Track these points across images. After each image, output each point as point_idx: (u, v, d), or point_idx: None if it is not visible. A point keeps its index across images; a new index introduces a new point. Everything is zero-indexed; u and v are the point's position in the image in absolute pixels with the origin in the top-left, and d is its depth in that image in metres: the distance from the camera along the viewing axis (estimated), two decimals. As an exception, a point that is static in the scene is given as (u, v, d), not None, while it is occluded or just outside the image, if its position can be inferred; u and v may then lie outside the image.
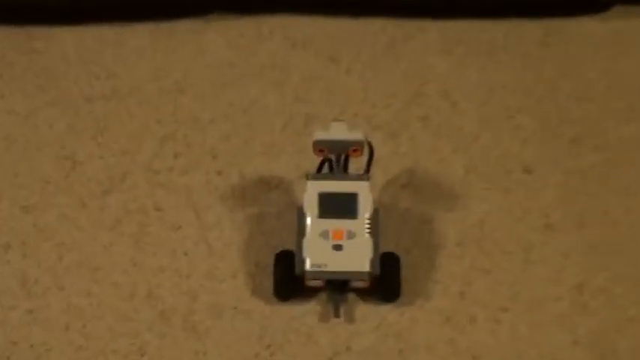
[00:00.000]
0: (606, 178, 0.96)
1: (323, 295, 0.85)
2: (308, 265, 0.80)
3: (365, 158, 0.86)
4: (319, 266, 0.80)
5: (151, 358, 0.82)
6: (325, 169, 0.85)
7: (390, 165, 0.96)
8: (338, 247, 0.80)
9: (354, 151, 0.82)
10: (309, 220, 0.81)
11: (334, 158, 0.84)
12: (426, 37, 1.09)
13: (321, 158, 0.85)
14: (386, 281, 0.83)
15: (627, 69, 1.06)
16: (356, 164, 0.87)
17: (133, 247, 0.89)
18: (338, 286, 0.83)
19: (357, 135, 0.82)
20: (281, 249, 0.85)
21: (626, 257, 0.89)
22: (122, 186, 0.94)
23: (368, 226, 0.81)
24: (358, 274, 0.80)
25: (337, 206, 0.81)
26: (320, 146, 0.82)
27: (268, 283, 0.85)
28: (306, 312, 0.85)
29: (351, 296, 0.85)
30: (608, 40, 1.10)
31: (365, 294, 0.85)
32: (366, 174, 0.83)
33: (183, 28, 1.10)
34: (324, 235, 0.80)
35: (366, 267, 0.80)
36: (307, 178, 0.82)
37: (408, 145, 0.98)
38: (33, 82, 1.04)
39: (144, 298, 0.86)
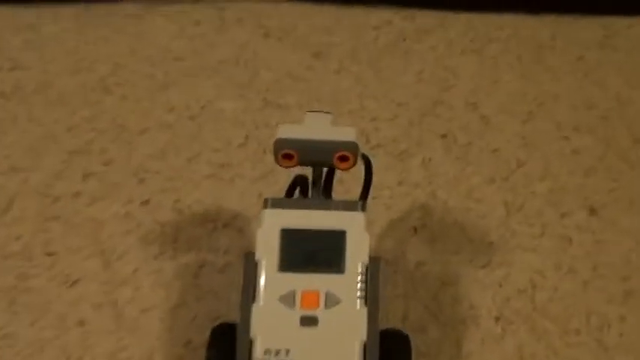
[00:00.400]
0: None
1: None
2: (259, 352, 0.49)
3: (357, 177, 0.55)
4: (277, 354, 0.49)
5: None
6: (297, 194, 0.55)
7: (396, 199, 0.66)
8: (310, 321, 0.49)
9: (342, 159, 0.51)
10: (263, 275, 0.50)
11: (311, 176, 0.54)
12: (446, 33, 0.81)
13: (291, 177, 0.54)
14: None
15: None
16: (344, 189, 0.57)
17: (5, 310, 0.59)
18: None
19: (346, 134, 0.51)
20: (223, 321, 0.54)
21: None
22: (3, 218, 0.64)
23: (361, 287, 0.50)
24: (342, 365, 0.49)
25: (311, 253, 0.50)
26: (286, 149, 0.50)
27: (203, 372, 0.54)
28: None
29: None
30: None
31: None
32: (360, 202, 0.52)
33: (120, 13, 0.81)
34: (288, 300, 0.49)
35: (354, 357, 0.49)
36: (265, 206, 0.51)
37: (423, 173, 0.68)
38: None
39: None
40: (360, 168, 0.56)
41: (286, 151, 0.50)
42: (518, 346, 0.58)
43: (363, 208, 0.52)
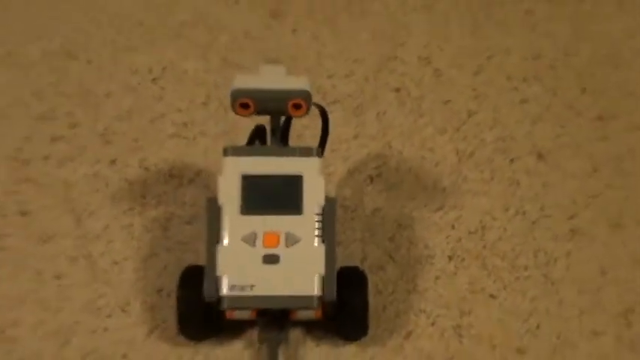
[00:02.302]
0: (647, 166, 0.70)
1: (253, 334, 0.58)
2: (225, 289, 0.52)
3: (316, 130, 0.59)
4: (242, 289, 0.52)
5: None
6: (257, 143, 0.58)
7: (352, 151, 0.70)
8: (272, 259, 0.53)
9: (296, 107, 0.54)
10: (226, 218, 0.53)
11: (269, 125, 0.57)
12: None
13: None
14: (346, 310, 0.56)
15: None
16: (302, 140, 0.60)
17: (-19, 267, 0.61)
18: (274, 319, 0.55)
19: (299, 83, 0.54)
20: (190, 264, 0.57)
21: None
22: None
23: (318, 226, 0.53)
24: (303, 300, 0.52)
25: (271, 196, 0.54)
26: (243, 98, 0.53)
27: (174, 321, 0.57)
28: (227, 357, 0.57)
29: (295, 334, 0.58)
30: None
31: (315, 330, 0.58)
32: (315, 148, 0.55)
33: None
34: (250, 239, 0.53)
35: (314, 289, 0.52)
36: (225, 154, 0.54)
37: (378, 125, 0.72)
38: None
39: (-8, 342, 0.58)
40: (318, 121, 0.59)
41: (243, 100, 0.53)
42: (469, 282, 0.62)
43: (319, 154, 0.55)
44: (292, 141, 0.59)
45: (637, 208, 0.67)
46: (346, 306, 0.56)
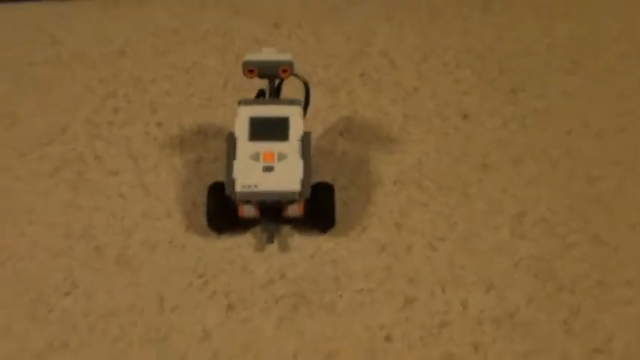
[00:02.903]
0: (545, 122, 0.96)
1: (258, 229, 0.84)
2: (238, 187, 0.79)
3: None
4: (249, 187, 0.79)
5: (83, 289, 0.80)
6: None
7: (328, 116, 0.97)
8: (269, 169, 0.80)
9: (284, 71, 0.82)
10: (239, 144, 0.80)
11: (267, 89, 0.84)
12: (368, 4, 1.11)
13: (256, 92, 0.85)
14: (320, 209, 0.83)
15: (567, 29, 1.08)
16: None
17: (71, 192, 0.89)
18: (272, 215, 0.82)
19: (285, 56, 0.82)
20: (215, 181, 0.84)
21: (565, 191, 0.89)
22: (62, 138, 0.94)
23: (299, 148, 0.81)
24: (289, 194, 0.79)
25: (268, 129, 0.81)
26: (250, 66, 0.81)
27: (204, 221, 0.84)
28: (240, 244, 0.84)
29: (286, 228, 0.85)
30: (547, 6, 1.12)
31: (299, 224, 0.84)
32: (297, 99, 0.83)
33: (127, 2, 1.12)
34: (255, 157, 0.80)
35: (296, 186, 0.79)
36: (239, 104, 0.82)
37: (347, 99, 0.99)
38: (-23, 51, 1.05)
39: (78, 237, 0.85)
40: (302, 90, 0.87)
41: (250, 67, 0.81)
42: (408, 197, 0.88)
43: (300, 104, 0.82)
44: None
45: (533, 151, 0.93)
46: (319, 206, 0.82)
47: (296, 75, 0.85)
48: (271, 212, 0.82)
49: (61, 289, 0.80)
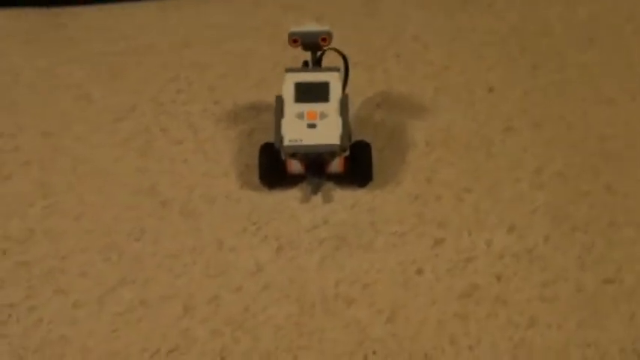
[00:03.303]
0: (563, 92, 1.06)
1: (304, 185, 0.95)
2: (286, 141, 0.90)
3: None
4: (295, 141, 0.90)
5: (151, 235, 0.92)
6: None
7: (366, 91, 1.08)
8: (312, 126, 0.91)
9: (323, 40, 0.93)
10: (286, 105, 0.92)
11: (310, 60, 0.96)
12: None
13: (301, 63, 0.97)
14: (358, 165, 0.93)
15: (585, 10, 1.18)
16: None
17: (140, 158, 1.01)
18: (316, 171, 0.93)
19: (324, 27, 0.94)
20: (265, 142, 0.96)
21: (580, 150, 0.98)
22: (131, 115, 1.07)
23: (338, 108, 0.92)
24: (330, 147, 0.90)
25: (311, 92, 0.92)
26: (294, 37, 0.93)
27: (256, 179, 0.96)
28: (288, 197, 0.95)
29: (329, 184, 0.95)
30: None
31: (340, 180, 0.95)
32: (336, 67, 0.94)
33: (187, 2, 1.25)
34: (300, 116, 0.91)
35: (336, 140, 0.90)
36: (286, 71, 0.94)
37: (383, 76, 1.10)
38: (56, 46, 1.19)
39: (146, 193, 0.97)
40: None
41: (294, 38, 0.93)
42: (437, 156, 0.98)
43: (338, 70, 0.94)
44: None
45: (552, 116, 1.03)
46: (358, 162, 0.93)
47: (336, 50, 0.96)
48: (315, 168, 0.93)
49: (132, 235, 0.92)
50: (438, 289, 0.85)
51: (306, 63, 0.97)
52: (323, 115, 0.91)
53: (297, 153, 0.91)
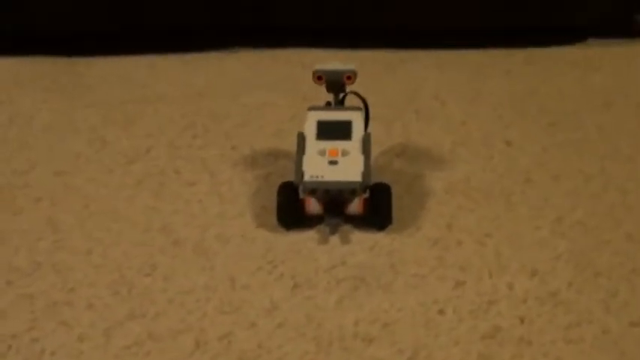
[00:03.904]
0: (581, 149, 1.06)
1: (322, 226, 0.93)
2: (307, 176, 0.89)
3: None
4: (317, 177, 0.89)
5: (162, 272, 0.89)
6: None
7: (383, 142, 1.07)
8: (333, 163, 0.90)
9: (348, 78, 0.93)
10: (308, 142, 0.91)
11: (333, 101, 0.95)
12: (420, 61, 1.24)
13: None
14: (378, 207, 0.92)
15: (599, 79, 1.19)
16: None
17: (153, 198, 0.99)
18: (335, 211, 0.91)
19: (349, 66, 0.94)
20: (284, 181, 0.95)
21: (601, 201, 0.97)
22: (146, 157, 1.06)
23: (360, 146, 0.91)
24: (351, 184, 0.89)
25: (333, 130, 0.92)
26: (319, 74, 0.93)
27: (273, 220, 0.94)
28: (305, 238, 0.93)
29: (346, 226, 0.93)
30: (582, 61, 1.24)
31: (359, 222, 0.93)
32: (358, 107, 0.94)
33: (206, 57, 1.26)
34: (322, 153, 0.90)
35: (358, 177, 0.89)
36: (309, 109, 0.94)
37: (402, 129, 1.10)
38: (73, 92, 1.19)
39: (159, 231, 0.94)
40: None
41: (319, 75, 0.93)
42: (457, 204, 0.97)
43: (361, 110, 0.93)
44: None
45: (571, 170, 1.02)
46: (378, 204, 0.92)
47: (356, 93, 0.96)
48: (334, 208, 0.91)
49: (142, 271, 0.89)
50: (461, 330, 0.82)
51: (329, 103, 0.96)
52: (345, 153, 0.90)
53: (317, 190, 0.90)
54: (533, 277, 0.87)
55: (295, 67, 1.23)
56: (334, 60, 0.96)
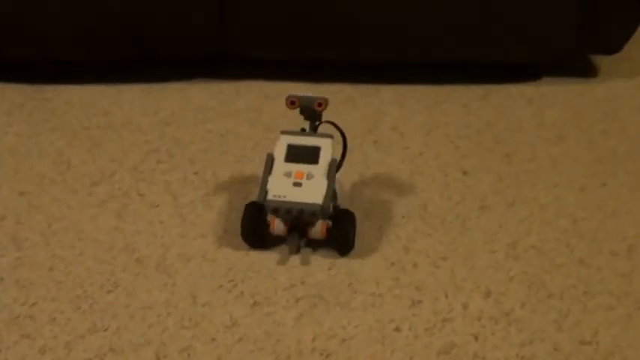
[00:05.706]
0: (536, 179, 1.09)
1: (283, 247, 0.95)
2: (270, 195, 0.91)
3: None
4: (279, 196, 0.91)
5: (124, 288, 0.90)
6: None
7: (344, 171, 1.09)
8: (298, 184, 0.92)
9: (319, 105, 0.95)
10: (276, 163, 0.93)
11: (308, 128, 0.98)
12: (380, 95, 1.28)
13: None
14: (341, 233, 0.94)
15: (554, 114, 1.24)
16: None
17: (116, 219, 1.01)
18: (297, 235, 0.93)
19: (320, 95, 0.96)
20: (249, 201, 0.97)
21: (554, 228, 1.00)
22: (110, 180, 1.07)
23: (325, 171, 0.93)
24: (312, 206, 0.91)
25: (302, 154, 0.94)
26: (292, 99, 0.95)
27: (235, 241, 0.96)
28: (266, 258, 0.95)
29: (306, 249, 0.95)
30: (537, 97, 1.28)
31: (320, 246, 0.95)
32: (329, 134, 0.96)
33: (170, 87, 1.29)
34: (288, 174, 0.93)
35: (319, 199, 0.91)
36: (281, 133, 0.96)
37: (361, 157, 1.13)
38: (38, 117, 1.20)
39: (121, 250, 0.96)
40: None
41: (292, 99, 0.95)
42: (414, 228, 0.99)
43: (331, 137, 0.96)
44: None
45: (525, 198, 1.05)
46: (341, 229, 0.94)
47: (334, 124, 0.98)
48: (297, 231, 0.94)
49: (104, 287, 0.91)
50: (417, 346, 0.84)
51: (303, 130, 0.99)
52: (310, 176, 0.93)
53: (279, 209, 0.92)
54: (488, 298, 0.90)
55: (258, 98, 1.26)
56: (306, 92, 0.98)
